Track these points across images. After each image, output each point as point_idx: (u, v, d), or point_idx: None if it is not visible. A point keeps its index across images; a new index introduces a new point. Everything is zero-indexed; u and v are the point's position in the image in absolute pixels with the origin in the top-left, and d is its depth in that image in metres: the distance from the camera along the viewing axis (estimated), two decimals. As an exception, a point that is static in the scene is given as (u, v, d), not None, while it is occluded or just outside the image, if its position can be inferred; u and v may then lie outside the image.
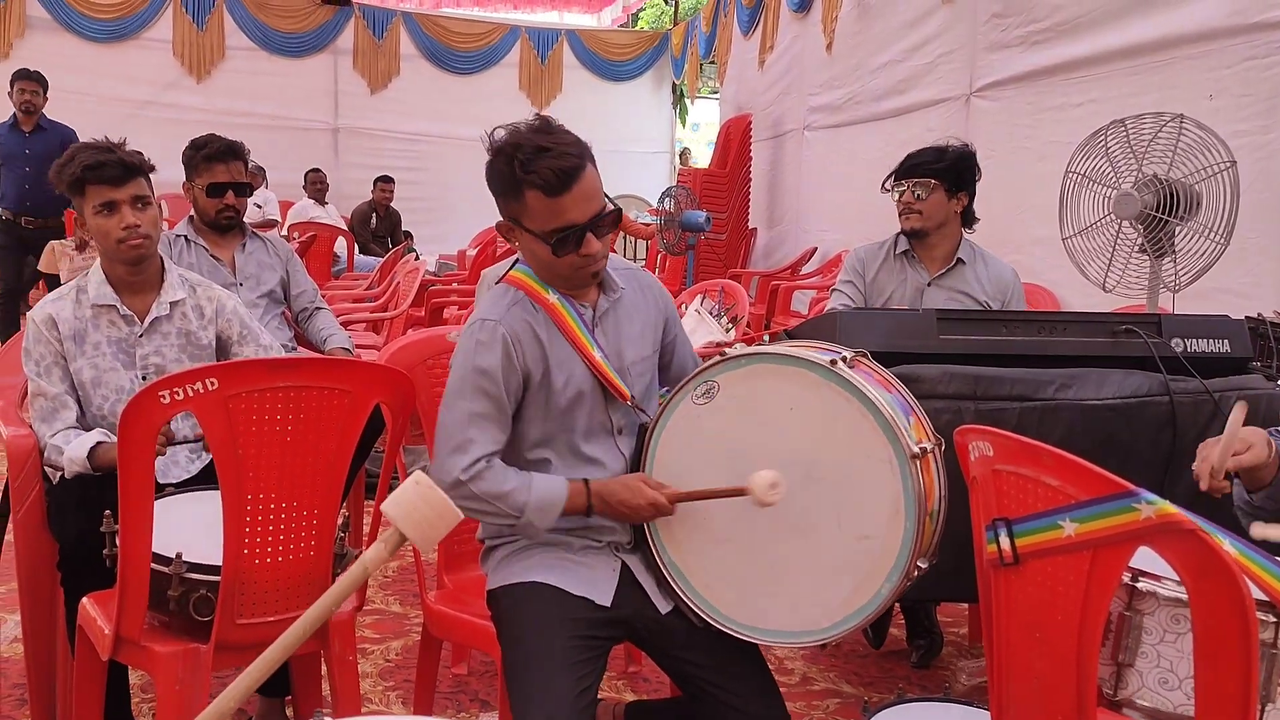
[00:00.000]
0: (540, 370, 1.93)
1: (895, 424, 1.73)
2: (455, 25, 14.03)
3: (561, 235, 1.84)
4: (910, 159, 3.22)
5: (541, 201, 1.82)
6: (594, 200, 1.85)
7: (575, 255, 1.87)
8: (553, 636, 1.85)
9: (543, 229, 1.85)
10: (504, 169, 1.84)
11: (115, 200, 2.41)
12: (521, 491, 1.90)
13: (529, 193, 1.83)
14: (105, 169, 2.40)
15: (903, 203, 3.20)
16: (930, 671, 3.10)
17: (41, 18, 11.98)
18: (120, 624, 2.00)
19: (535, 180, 1.80)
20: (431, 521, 1.11)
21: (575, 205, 1.83)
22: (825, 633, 1.83)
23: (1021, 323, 2.58)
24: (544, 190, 1.81)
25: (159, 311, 2.52)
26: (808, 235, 9.00)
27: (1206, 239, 3.05)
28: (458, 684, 2.91)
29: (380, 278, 6.95)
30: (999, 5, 5.85)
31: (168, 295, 2.54)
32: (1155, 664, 1.42)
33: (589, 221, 1.85)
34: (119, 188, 2.41)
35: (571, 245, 1.85)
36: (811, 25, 8.77)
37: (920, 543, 1.74)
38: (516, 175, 1.82)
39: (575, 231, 1.84)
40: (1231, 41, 4.24)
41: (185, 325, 2.56)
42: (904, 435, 1.73)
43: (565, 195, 1.81)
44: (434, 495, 1.11)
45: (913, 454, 1.72)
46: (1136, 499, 1.27)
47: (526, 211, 1.86)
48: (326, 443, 2.04)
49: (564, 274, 1.92)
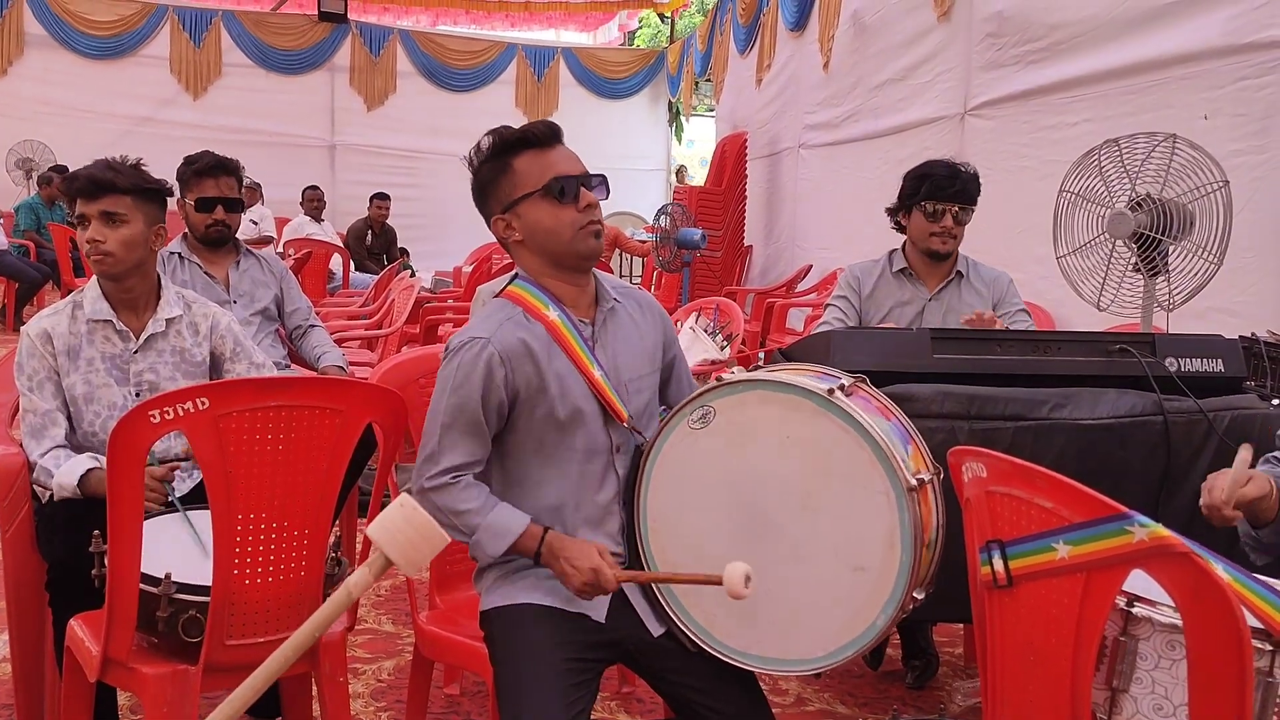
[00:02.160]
0: (534, 387, 1.91)
1: (893, 456, 1.71)
2: (452, 43, 14.12)
3: (559, 182, 1.91)
4: (946, 181, 3.11)
5: (532, 159, 1.93)
6: (579, 163, 1.97)
7: (575, 209, 1.92)
8: (545, 658, 1.83)
9: (538, 184, 1.92)
10: (487, 160, 1.97)
11: (85, 214, 2.44)
12: (477, 514, 1.90)
13: (517, 159, 1.94)
14: (75, 182, 2.44)
15: (942, 225, 3.13)
16: (926, 692, 3.08)
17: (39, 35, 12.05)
18: (108, 645, 1.98)
19: (523, 139, 1.94)
20: (416, 544, 1.10)
21: (565, 159, 1.94)
22: (819, 662, 1.81)
23: (1016, 342, 2.57)
24: (534, 144, 1.93)
25: (154, 329, 2.52)
26: (803, 253, 9.02)
27: (1200, 258, 3.06)
28: (450, 705, 2.88)
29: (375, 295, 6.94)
30: (994, 25, 5.88)
31: (163, 312, 2.54)
32: (1150, 690, 1.41)
33: (581, 174, 1.94)
34: (90, 202, 2.43)
35: (571, 194, 1.92)
36: (808, 44, 8.81)
37: (916, 574, 1.72)
38: (501, 150, 1.94)
39: (571, 179, 1.92)
40: (1225, 62, 4.26)
41: (180, 343, 2.55)
42: (901, 467, 1.71)
43: (554, 149, 1.94)
44: (419, 518, 1.10)
45: (909, 486, 1.70)
46: (1129, 521, 1.27)
47: (518, 179, 1.94)
48: (317, 462, 2.03)
49: (568, 239, 1.94)
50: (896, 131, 7.15)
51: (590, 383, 1.93)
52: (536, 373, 1.91)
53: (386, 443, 2.21)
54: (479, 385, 1.88)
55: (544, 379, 1.91)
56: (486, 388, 1.88)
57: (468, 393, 1.88)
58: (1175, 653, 1.38)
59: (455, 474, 1.91)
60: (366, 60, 13.46)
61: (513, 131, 1.96)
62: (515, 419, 1.94)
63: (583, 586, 1.85)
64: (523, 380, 1.91)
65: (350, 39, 13.40)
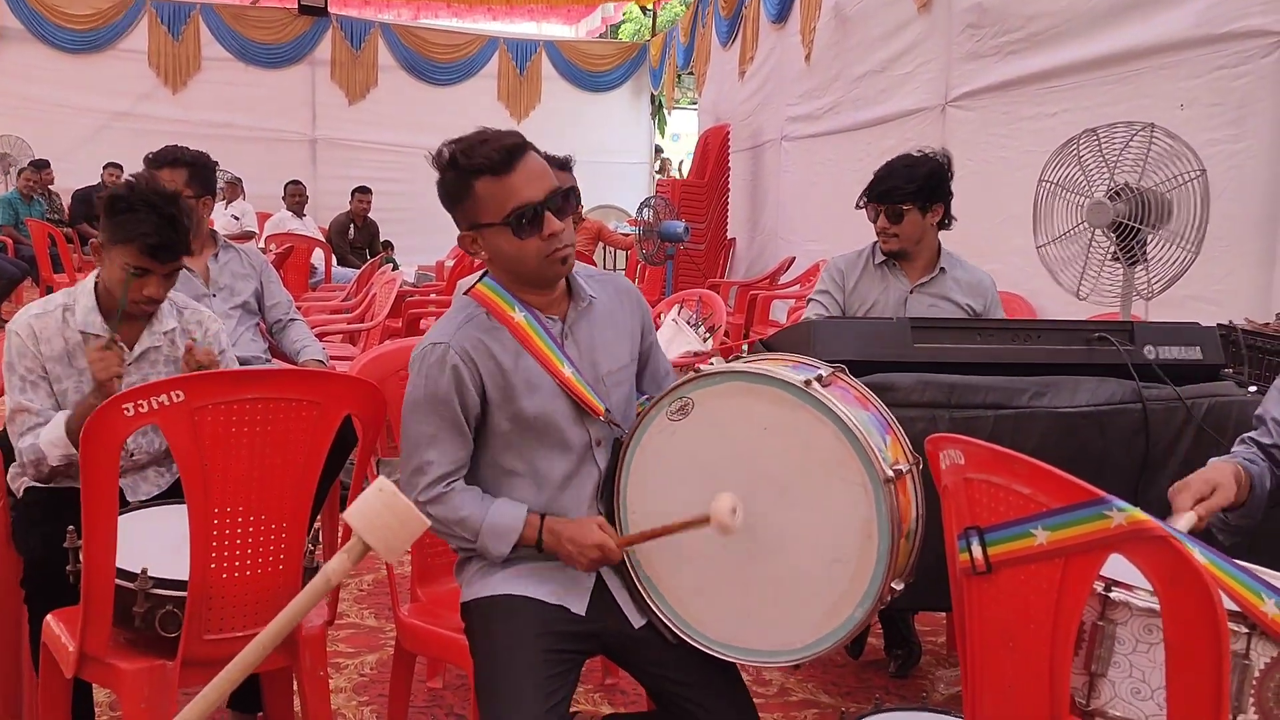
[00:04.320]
0: (499, 388, 1.90)
1: (869, 447, 1.70)
2: (433, 36, 14.04)
3: (518, 214, 1.82)
4: (882, 181, 3.13)
5: (490, 186, 1.82)
6: (544, 179, 1.85)
7: (539, 239, 1.84)
8: (523, 650, 1.83)
9: (499, 216, 1.83)
10: (449, 172, 1.85)
11: (147, 270, 2.32)
12: (476, 519, 1.89)
13: (477, 183, 1.83)
14: (156, 248, 2.29)
15: (879, 227, 3.16)
16: (908, 681, 3.09)
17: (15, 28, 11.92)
18: (85, 641, 1.96)
19: (480, 164, 1.81)
20: (395, 530, 1.08)
21: (526, 183, 1.82)
22: (799, 653, 1.80)
23: (996, 331, 2.58)
24: (490, 171, 1.81)
25: (150, 342, 2.46)
26: (786, 245, 9.02)
27: (1178, 247, 3.07)
28: (433, 698, 2.88)
29: (357, 289, 6.91)
30: (974, 16, 5.89)
31: (160, 325, 2.48)
32: (1128, 674, 1.41)
33: (545, 199, 1.83)
34: (156, 261, 2.32)
35: (532, 226, 1.83)
36: (790, 36, 8.80)
37: (894, 566, 1.72)
38: (461, 169, 1.83)
39: (531, 209, 1.82)
40: (1201, 52, 4.27)
41: (174, 352, 2.49)
42: (878, 458, 1.70)
43: (512, 174, 1.82)
44: (398, 503, 1.08)
45: (886, 478, 1.69)
46: (1107, 506, 1.27)
47: (479, 206, 1.85)
48: (295, 455, 2.01)
49: (533, 267, 1.88)
50: (879, 123, 7.15)
51: (560, 381, 1.91)
52: (500, 372, 1.90)
53: (365, 435, 2.20)
54: (450, 387, 1.87)
55: (508, 378, 1.90)
56: (458, 388, 1.87)
57: (441, 397, 1.87)
58: (1153, 636, 1.38)
59: (447, 481, 1.91)
60: (348, 54, 13.38)
61: (468, 160, 1.83)
62: (485, 419, 1.93)
63: (590, 565, 1.88)
64: (488, 378, 1.89)
65: (331, 33, 13.32)
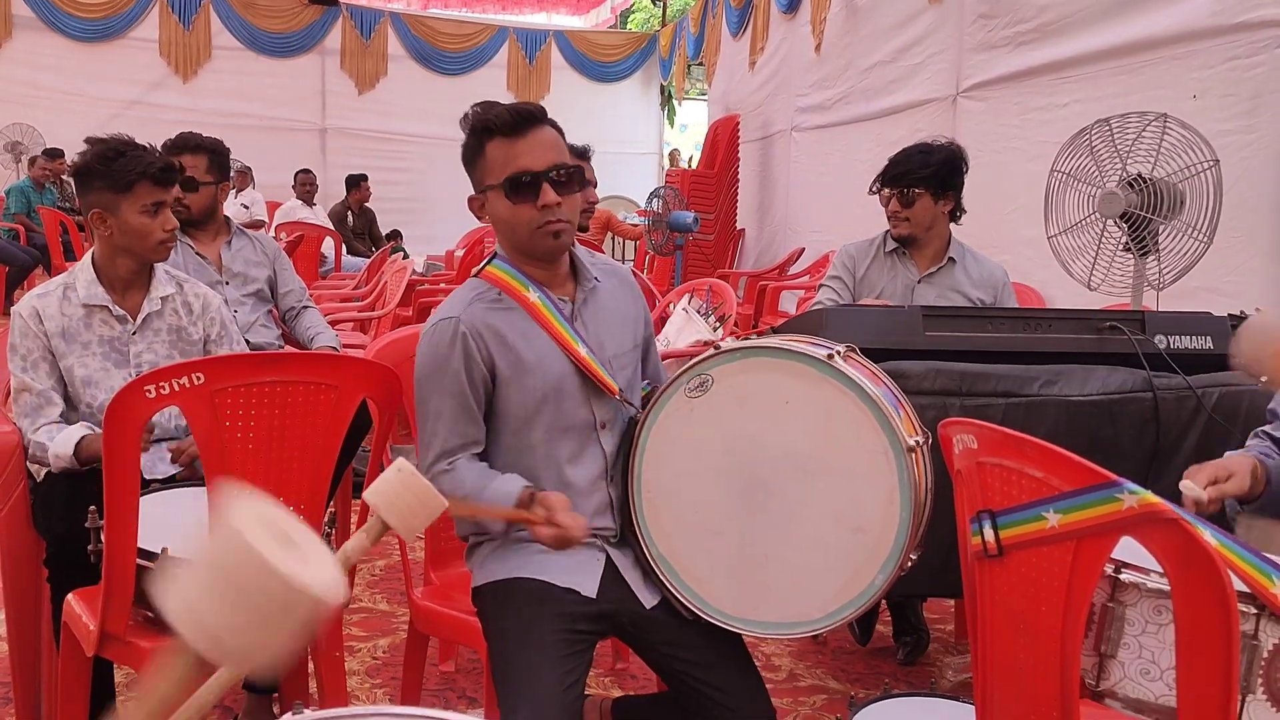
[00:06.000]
0: (508, 365, 1.91)
1: (891, 417, 1.73)
2: (443, 26, 14.03)
3: (516, 177, 1.85)
4: (896, 165, 3.18)
5: (499, 147, 1.86)
6: (552, 151, 1.88)
7: (533, 207, 1.86)
8: (538, 632, 1.84)
9: (499, 178, 1.86)
10: (468, 135, 1.90)
11: (163, 202, 2.45)
12: (475, 496, 1.89)
13: (489, 143, 1.87)
14: (164, 172, 2.44)
15: (890, 210, 3.19)
16: (917, 668, 3.10)
17: (27, 17, 11.94)
18: (105, 620, 1.99)
19: (493, 124, 1.86)
20: (414, 509, 1.09)
21: (531, 151, 1.86)
22: (818, 624, 1.82)
23: (1007, 319, 2.59)
24: (501, 132, 1.85)
25: (150, 308, 2.52)
26: (796, 235, 9.01)
27: (1190, 238, 3.07)
28: (445, 681, 2.90)
29: (368, 277, 6.94)
30: (985, 6, 5.88)
31: (157, 291, 2.54)
32: (1137, 655, 1.43)
33: (547, 169, 1.86)
34: (167, 189, 2.45)
35: (528, 192, 1.85)
36: (800, 26, 8.78)
37: (914, 534, 1.75)
38: (475, 128, 1.88)
39: (530, 175, 1.85)
40: (1215, 41, 4.26)
41: (176, 321, 2.55)
42: (899, 428, 1.74)
43: (521, 139, 1.86)
44: (417, 482, 1.09)
45: (908, 446, 1.72)
46: (1119, 489, 1.28)
47: (487, 166, 1.89)
48: (312, 438, 2.04)
49: (525, 235, 1.90)
50: (889, 114, 7.14)
51: (576, 360, 1.93)
52: (507, 349, 1.91)
53: (381, 419, 2.22)
54: (459, 362, 1.88)
55: (519, 356, 1.91)
56: (466, 362, 1.89)
57: (451, 372, 1.88)
58: (1162, 617, 1.40)
59: (450, 458, 1.92)
60: (357, 43, 13.37)
61: (482, 117, 1.88)
62: (495, 396, 1.94)
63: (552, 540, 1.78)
64: (498, 355, 1.91)
65: (341, 22, 13.31)
